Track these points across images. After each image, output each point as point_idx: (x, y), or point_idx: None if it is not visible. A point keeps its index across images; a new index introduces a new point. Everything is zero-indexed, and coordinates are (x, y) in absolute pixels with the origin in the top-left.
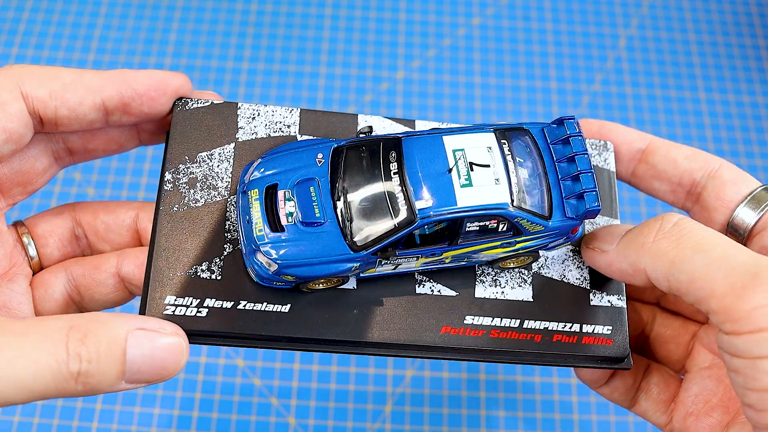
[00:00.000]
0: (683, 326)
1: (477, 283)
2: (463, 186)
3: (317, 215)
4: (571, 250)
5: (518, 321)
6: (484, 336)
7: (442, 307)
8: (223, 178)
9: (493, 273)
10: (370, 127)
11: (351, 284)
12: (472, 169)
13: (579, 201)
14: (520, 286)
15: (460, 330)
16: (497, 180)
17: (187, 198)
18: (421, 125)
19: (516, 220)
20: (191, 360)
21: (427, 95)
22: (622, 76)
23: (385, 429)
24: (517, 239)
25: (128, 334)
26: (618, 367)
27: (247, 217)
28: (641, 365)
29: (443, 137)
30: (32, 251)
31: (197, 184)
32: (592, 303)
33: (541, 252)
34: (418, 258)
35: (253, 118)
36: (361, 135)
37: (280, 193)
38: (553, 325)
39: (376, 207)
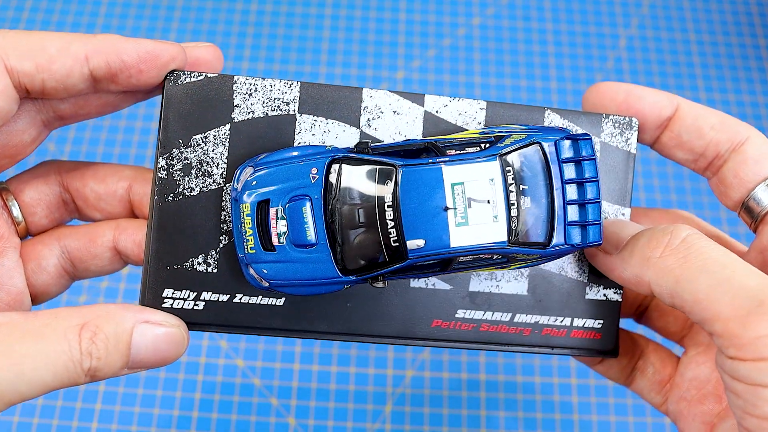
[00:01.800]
0: None
1: (473, 276)
2: (458, 225)
3: (308, 237)
4: None
5: (510, 315)
6: (474, 330)
7: (435, 300)
8: (218, 163)
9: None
10: (367, 143)
11: None
12: (470, 206)
13: (582, 230)
14: (516, 279)
15: (451, 324)
16: (495, 217)
17: (181, 186)
18: (431, 101)
19: (511, 255)
20: (191, 360)
21: None
22: (623, 76)
23: (385, 429)
24: (512, 264)
25: (134, 327)
26: (604, 356)
27: (240, 226)
28: (638, 345)
29: (443, 168)
30: (16, 212)
31: (192, 171)
32: (587, 297)
33: None
34: (409, 279)
35: (250, 95)
36: (359, 148)
37: (272, 211)
38: (543, 319)
39: (369, 237)
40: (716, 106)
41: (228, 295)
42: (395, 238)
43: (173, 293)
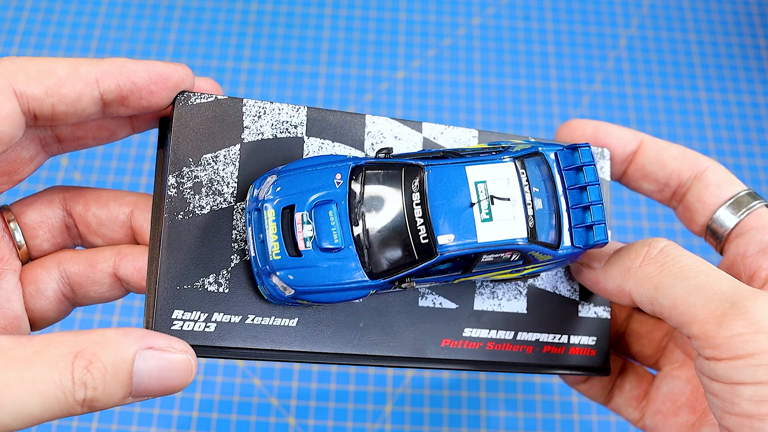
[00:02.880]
0: (656, 324)
1: (476, 295)
2: (483, 221)
3: (335, 241)
4: None
5: (512, 333)
6: (481, 348)
7: (443, 319)
8: (228, 183)
9: (491, 285)
10: (390, 149)
11: None
12: (492, 203)
13: (587, 231)
14: (515, 297)
15: (459, 342)
16: (515, 215)
17: (191, 204)
18: (428, 128)
19: (530, 252)
20: None
21: (427, 95)
22: (623, 76)
23: (385, 429)
24: (526, 266)
25: (136, 354)
26: (597, 374)
27: (261, 236)
28: (617, 364)
29: (466, 168)
30: (18, 237)
31: (202, 189)
32: (580, 314)
33: None
34: (431, 283)
35: (259, 117)
36: (380, 155)
37: (298, 216)
38: (543, 337)
39: (397, 236)
40: (716, 106)
41: (240, 316)
42: (425, 235)
43: (183, 314)
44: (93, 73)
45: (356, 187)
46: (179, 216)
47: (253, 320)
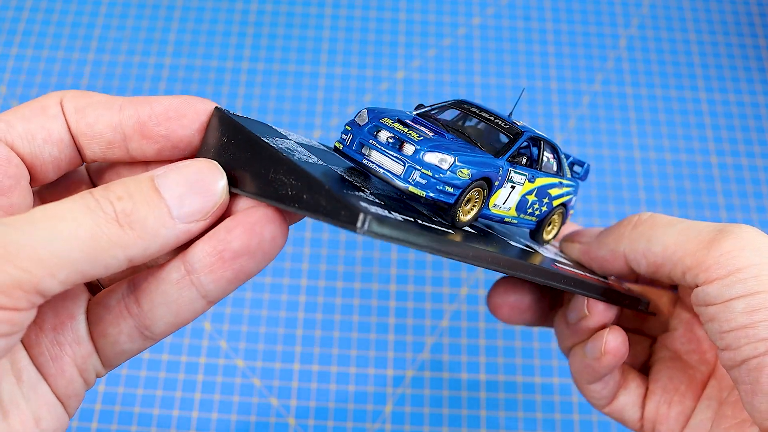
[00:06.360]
0: (641, 338)
1: (537, 248)
2: (523, 125)
3: (450, 134)
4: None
5: (582, 271)
6: (576, 275)
7: (536, 254)
8: (309, 156)
9: (537, 246)
10: (422, 105)
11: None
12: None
13: (572, 167)
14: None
15: (561, 268)
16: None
17: (296, 156)
18: None
19: (561, 157)
20: (191, 360)
21: (427, 95)
22: (622, 76)
23: (385, 429)
24: (563, 180)
25: (152, 176)
26: (647, 312)
27: (391, 140)
28: (617, 371)
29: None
30: None
31: (296, 150)
32: None
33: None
34: (523, 183)
35: (288, 134)
36: (419, 106)
37: (408, 121)
38: (601, 279)
39: (486, 131)
40: (716, 106)
41: (412, 218)
42: (504, 123)
43: (368, 207)
44: (119, 101)
45: (426, 117)
46: (295, 157)
47: (423, 221)
